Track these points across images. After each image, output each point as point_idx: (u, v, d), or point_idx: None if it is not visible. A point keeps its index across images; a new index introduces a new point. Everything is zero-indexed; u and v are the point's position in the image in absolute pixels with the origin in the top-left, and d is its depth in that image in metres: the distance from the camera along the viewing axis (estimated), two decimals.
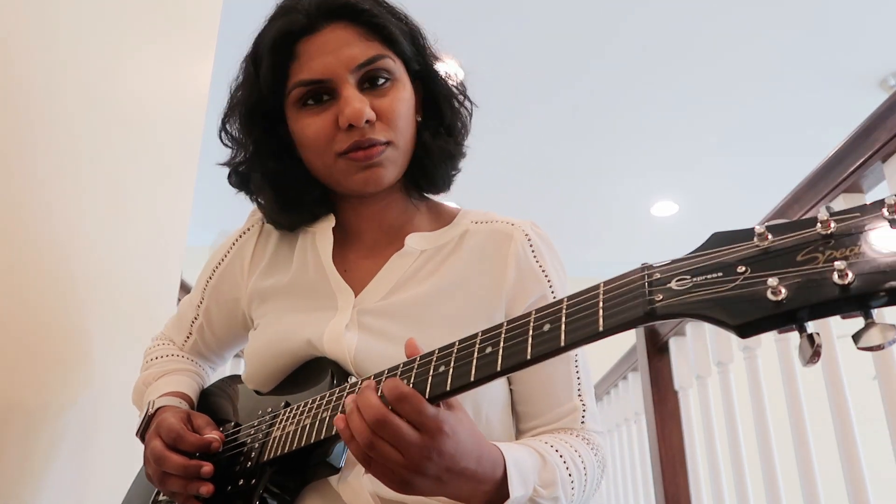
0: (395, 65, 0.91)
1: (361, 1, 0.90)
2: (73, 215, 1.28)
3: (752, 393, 1.93)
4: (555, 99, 4.24)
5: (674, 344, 2.40)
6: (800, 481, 1.72)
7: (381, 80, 0.89)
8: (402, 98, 0.91)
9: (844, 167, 1.49)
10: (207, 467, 0.82)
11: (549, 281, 0.94)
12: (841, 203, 1.53)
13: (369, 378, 0.76)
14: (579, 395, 0.92)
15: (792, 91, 4.16)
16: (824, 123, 4.37)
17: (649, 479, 2.52)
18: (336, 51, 0.87)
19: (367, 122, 0.87)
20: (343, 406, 0.72)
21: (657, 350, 2.52)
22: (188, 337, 1.10)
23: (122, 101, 1.47)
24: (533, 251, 0.94)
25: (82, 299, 1.31)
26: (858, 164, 1.45)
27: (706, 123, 4.47)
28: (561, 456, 0.83)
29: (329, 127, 0.88)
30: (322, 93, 0.89)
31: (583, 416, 0.91)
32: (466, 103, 0.99)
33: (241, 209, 1.11)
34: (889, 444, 1.38)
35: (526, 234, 0.95)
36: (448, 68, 0.99)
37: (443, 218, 1.01)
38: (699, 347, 2.23)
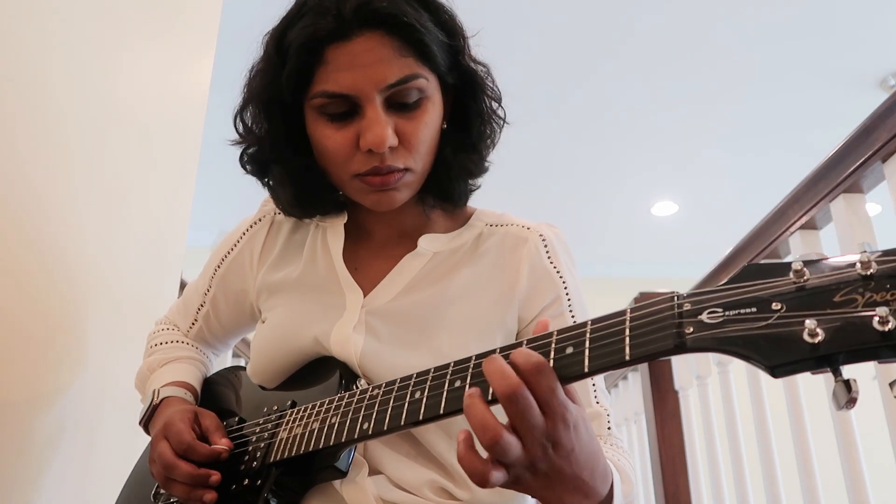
0: (427, 83, 0.84)
1: (403, 11, 0.81)
2: (72, 216, 1.28)
3: (752, 393, 1.93)
4: (555, 99, 4.24)
5: None
6: (800, 481, 1.72)
7: (410, 101, 0.83)
8: (429, 121, 0.85)
9: (844, 167, 1.49)
10: (216, 476, 0.81)
11: (563, 281, 0.92)
12: (841, 203, 1.53)
13: (380, 385, 0.74)
14: (597, 400, 0.90)
15: (792, 91, 4.16)
16: (824, 123, 4.37)
17: (649, 479, 2.52)
18: (367, 66, 0.80)
19: (389, 147, 0.83)
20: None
21: None
22: (193, 323, 1.09)
23: (122, 101, 1.47)
24: (548, 252, 0.93)
25: (82, 300, 1.31)
26: (858, 164, 1.45)
27: (706, 123, 4.47)
28: (626, 470, 0.82)
29: (349, 145, 0.84)
30: (346, 106, 0.83)
31: (608, 423, 0.90)
32: (496, 119, 0.94)
33: (241, 209, 1.11)
34: (889, 444, 1.38)
35: (541, 236, 0.94)
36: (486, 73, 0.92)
37: (457, 219, 0.99)
38: None
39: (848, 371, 0.49)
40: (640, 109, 4.34)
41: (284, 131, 0.90)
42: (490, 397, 0.61)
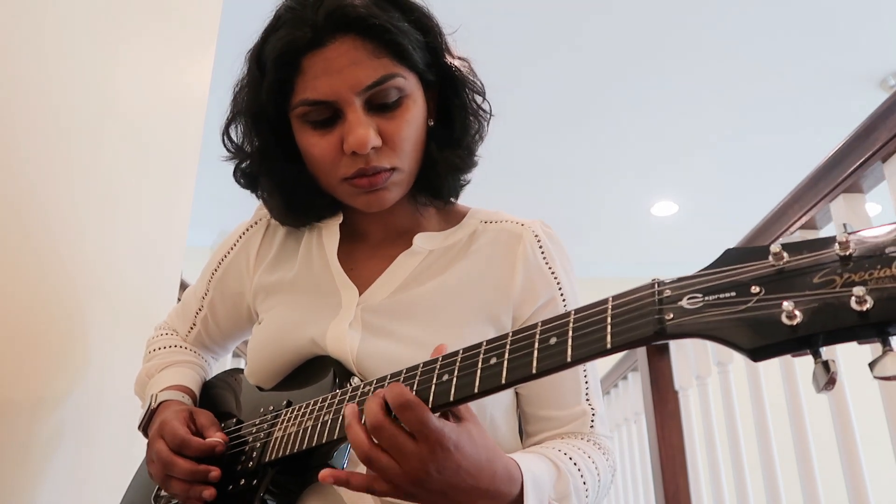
0: (405, 81, 0.85)
1: (373, 13, 0.83)
2: (71, 216, 1.28)
3: (752, 393, 1.93)
4: (555, 98, 4.24)
5: (674, 344, 2.40)
6: (800, 481, 1.72)
7: (390, 101, 0.85)
8: (411, 119, 0.87)
9: (844, 167, 1.49)
10: (215, 472, 0.81)
11: (558, 282, 0.93)
12: (841, 203, 1.53)
13: (372, 382, 0.75)
14: (587, 399, 0.91)
15: (792, 91, 4.16)
16: (824, 123, 4.37)
17: (649, 479, 2.52)
18: (342, 70, 0.82)
19: (373, 148, 0.84)
20: (343, 415, 0.72)
21: (657, 350, 2.52)
22: (192, 328, 1.10)
23: (122, 101, 1.47)
24: (542, 252, 0.93)
25: (82, 300, 1.31)
26: (858, 164, 1.45)
27: (706, 123, 4.47)
28: (575, 464, 0.83)
29: (333, 150, 0.85)
30: (327, 113, 0.85)
31: (592, 421, 0.90)
32: (482, 113, 0.95)
33: (241, 209, 1.11)
34: (889, 444, 1.38)
35: (535, 235, 0.94)
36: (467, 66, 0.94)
37: (452, 218, 1.00)
38: (699, 347, 2.23)
39: (849, 371, 0.48)
40: (641, 109, 4.34)
41: (273, 143, 0.91)
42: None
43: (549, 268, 0.93)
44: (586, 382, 0.92)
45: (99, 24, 1.37)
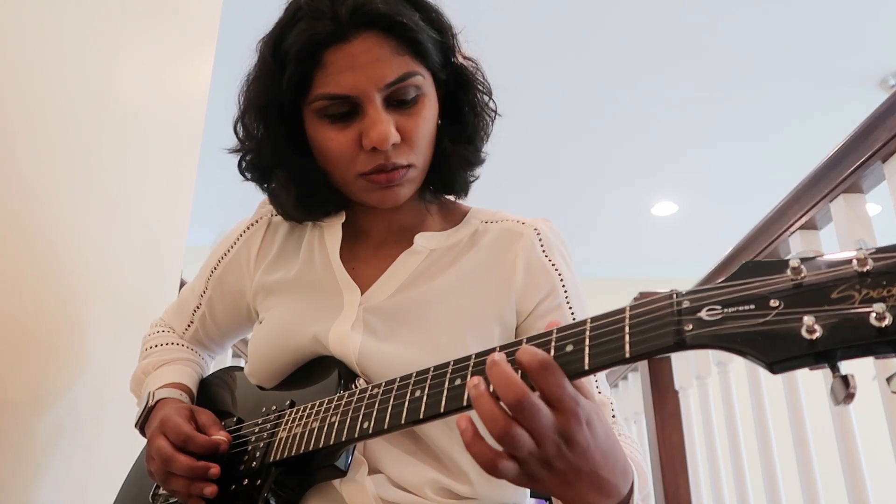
0: (423, 80, 0.87)
1: (397, 11, 0.84)
2: (71, 216, 1.28)
3: (752, 393, 1.93)
4: (554, 98, 4.24)
5: None
6: (800, 481, 1.72)
7: (409, 99, 0.86)
8: (428, 117, 0.88)
9: (844, 167, 1.49)
10: (215, 469, 0.81)
11: (558, 272, 0.93)
12: (841, 203, 1.53)
13: (380, 385, 0.73)
14: (598, 390, 0.90)
15: (792, 91, 4.16)
16: (824, 123, 4.37)
17: (649, 479, 2.52)
18: (365, 66, 0.83)
19: (392, 144, 0.84)
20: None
21: None
22: (189, 325, 1.09)
23: (121, 100, 1.47)
24: (542, 246, 0.94)
25: (81, 300, 1.31)
26: (858, 164, 1.45)
27: (706, 123, 4.47)
28: (640, 463, 0.81)
29: (351, 145, 0.86)
30: (346, 107, 0.85)
31: (612, 411, 0.90)
32: (489, 112, 0.96)
33: (241, 209, 1.11)
34: (889, 444, 1.38)
35: (536, 230, 0.95)
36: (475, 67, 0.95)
37: (453, 217, 1.00)
38: None
39: (849, 371, 0.49)
40: (640, 110, 4.34)
41: (284, 135, 0.91)
42: (493, 391, 0.59)
43: (549, 259, 0.93)
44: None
45: (99, 24, 1.37)
